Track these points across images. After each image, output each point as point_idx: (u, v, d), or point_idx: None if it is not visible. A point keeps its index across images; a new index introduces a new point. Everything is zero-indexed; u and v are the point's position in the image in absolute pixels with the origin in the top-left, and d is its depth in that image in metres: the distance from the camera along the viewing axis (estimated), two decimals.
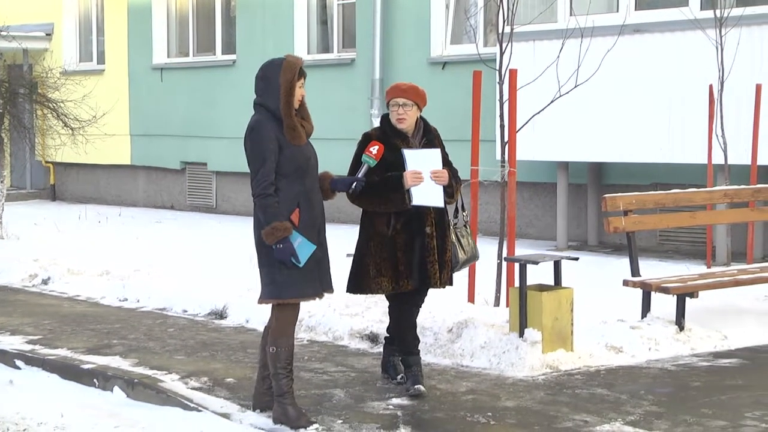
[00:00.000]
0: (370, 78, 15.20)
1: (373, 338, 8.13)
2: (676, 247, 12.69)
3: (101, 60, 19.94)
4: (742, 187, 9.73)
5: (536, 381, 6.99)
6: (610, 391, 6.75)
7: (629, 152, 12.08)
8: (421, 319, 8.22)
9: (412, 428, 6.00)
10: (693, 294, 8.13)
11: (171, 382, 7.09)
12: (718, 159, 10.67)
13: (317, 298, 6.18)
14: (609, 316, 8.26)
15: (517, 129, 8.53)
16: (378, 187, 6.49)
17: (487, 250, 8.55)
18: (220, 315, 9.36)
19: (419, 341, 6.92)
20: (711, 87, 10.61)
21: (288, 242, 5.88)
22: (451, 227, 6.84)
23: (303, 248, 5.92)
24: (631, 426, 5.99)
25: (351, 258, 6.76)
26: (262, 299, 6.10)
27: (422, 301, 6.87)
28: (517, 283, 7.54)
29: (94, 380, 7.38)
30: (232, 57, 17.51)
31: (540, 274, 7.98)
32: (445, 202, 6.62)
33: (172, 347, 8.20)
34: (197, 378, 7.17)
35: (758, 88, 10.64)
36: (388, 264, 6.56)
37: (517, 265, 7.60)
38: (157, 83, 18.66)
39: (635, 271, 8.40)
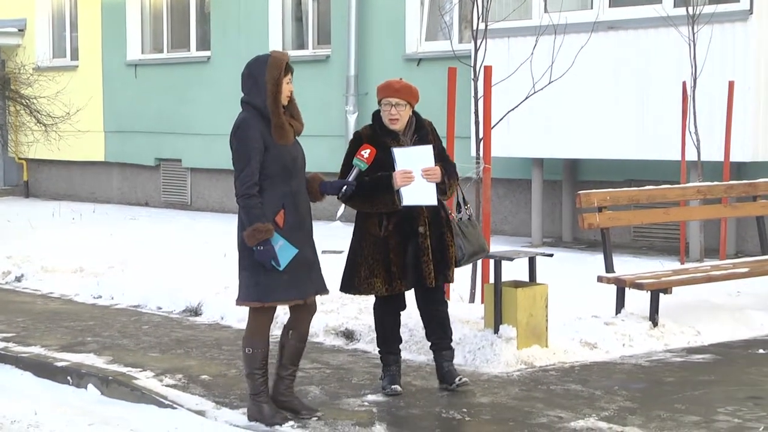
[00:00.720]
0: (345, 75, 15.20)
1: (348, 335, 8.13)
2: (650, 243, 12.75)
3: (75, 56, 19.83)
4: (715, 183, 9.80)
5: (511, 377, 7.01)
6: (585, 386, 6.78)
7: (603, 149, 12.13)
8: None
9: (387, 425, 6.01)
10: (667, 290, 8.17)
11: (145, 379, 7.06)
12: (691, 156, 10.73)
13: (302, 301, 6.06)
14: (583, 312, 8.29)
15: (492, 125, 8.55)
16: (367, 187, 6.36)
17: None
18: (195, 312, 9.33)
19: (401, 341, 6.82)
20: (684, 84, 10.67)
21: (269, 244, 5.80)
22: (452, 222, 6.68)
23: (284, 251, 5.84)
24: (605, 421, 6.01)
25: (326, 255, 6.73)
26: (242, 302, 6.01)
27: (438, 297, 6.70)
28: (492, 280, 7.56)
29: (68, 378, 7.34)
30: (207, 53, 17.46)
31: (515, 270, 8.00)
32: (439, 200, 6.50)
33: (147, 344, 8.17)
34: (172, 375, 7.15)
35: (731, 85, 10.71)
36: (380, 266, 6.44)
37: (492, 262, 7.61)
38: (131, 79, 18.58)
39: (609, 267, 8.44)
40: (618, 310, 8.29)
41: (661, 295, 8.14)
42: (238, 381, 7.01)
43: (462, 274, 8.68)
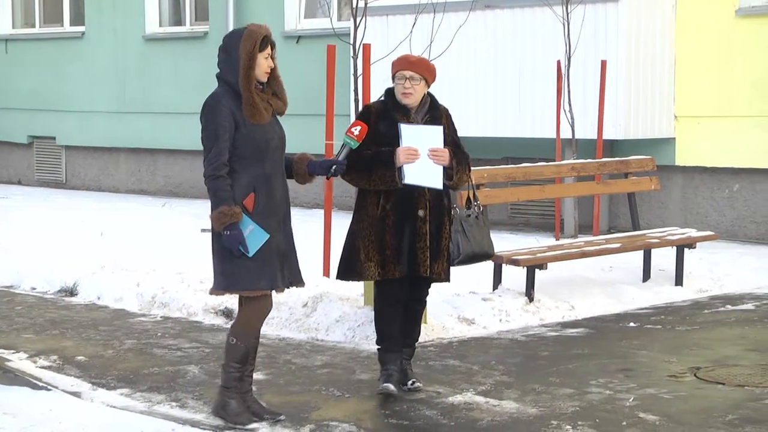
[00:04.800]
0: None
1: (227, 314, 8.09)
2: (527, 219, 12.97)
3: None
4: (589, 161, 10.01)
5: None
6: (462, 362, 6.88)
7: (481, 126, 12.26)
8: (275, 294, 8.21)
9: (266, 404, 5.98)
10: (542, 266, 8.33)
11: (19, 361, 6.93)
12: (566, 133, 10.93)
13: (275, 292, 5.66)
14: (461, 289, 8.39)
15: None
16: (368, 161, 5.98)
17: (343, 224, 8.56)
18: (71, 292, 9.17)
19: (401, 340, 6.31)
20: (558, 63, 10.85)
21: (237, 229, 5.40)
22: (456, 216, 6.31)
23: (254, 237, 5.45)
24: (482, 396, 6.11)
25: (206, 233, 6.54)
26: (213, 289, 5.66)
27: (422, 295, 6.37)
28: None
29: None
30: (81, 29, 17.07)
31: None
32: (446, 186, 6.08)
33: (20, 325, 8.01)
34: (46, 356, 7.03)
35: (603, 64, 10.93)
36: (375, 248, 6.06)
37: None
38: (1, 55, 18.09)
39: None
40: (495, 286, 8.42)
41: (537, 270, 8.29)
42: (116, 362, 6.94)
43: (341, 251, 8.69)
